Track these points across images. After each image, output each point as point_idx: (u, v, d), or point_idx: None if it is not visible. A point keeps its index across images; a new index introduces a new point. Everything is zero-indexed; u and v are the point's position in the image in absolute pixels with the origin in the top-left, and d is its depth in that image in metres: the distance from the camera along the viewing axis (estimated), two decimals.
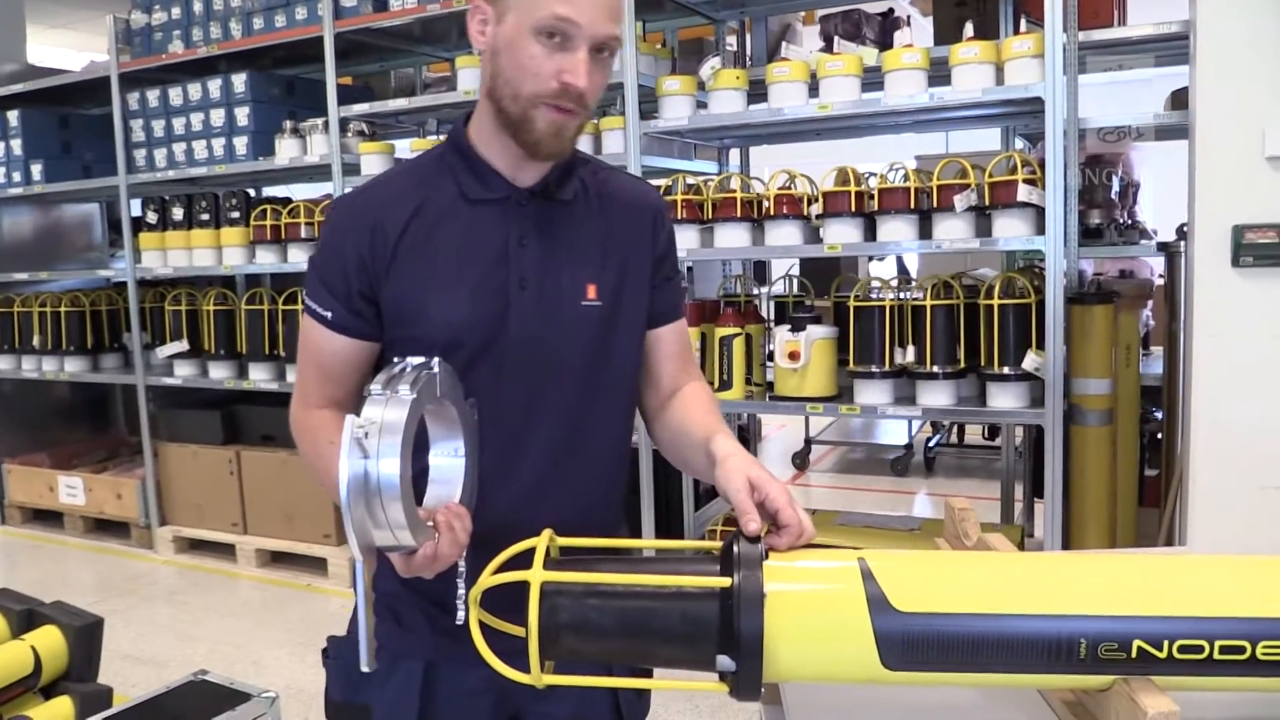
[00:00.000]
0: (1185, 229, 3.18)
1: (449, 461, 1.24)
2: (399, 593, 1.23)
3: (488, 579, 1.12)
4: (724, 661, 1.02)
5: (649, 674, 1.39)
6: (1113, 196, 3.62)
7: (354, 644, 1.22)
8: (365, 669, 1.12)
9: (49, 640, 2.82)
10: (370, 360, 1.42)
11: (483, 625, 1.13)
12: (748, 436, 4.90)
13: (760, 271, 6.46)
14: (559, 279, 1.38)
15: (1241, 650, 0.98)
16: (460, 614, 1.18)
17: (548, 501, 1.39)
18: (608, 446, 1.48)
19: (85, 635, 2.84)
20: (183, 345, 4.98)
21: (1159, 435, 3.65)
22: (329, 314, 1.37)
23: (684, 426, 1.42)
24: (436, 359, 1.18)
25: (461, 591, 1.19)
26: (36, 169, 5.39)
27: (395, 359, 1.19)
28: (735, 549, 1.05)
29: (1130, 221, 3.80)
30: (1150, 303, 3.91)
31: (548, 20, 1.25)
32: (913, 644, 1.00)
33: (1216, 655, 0.98)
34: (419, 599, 1.38)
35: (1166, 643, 0.98)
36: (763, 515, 1.14)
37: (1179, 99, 3.53)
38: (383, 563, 1.23)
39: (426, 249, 1.36)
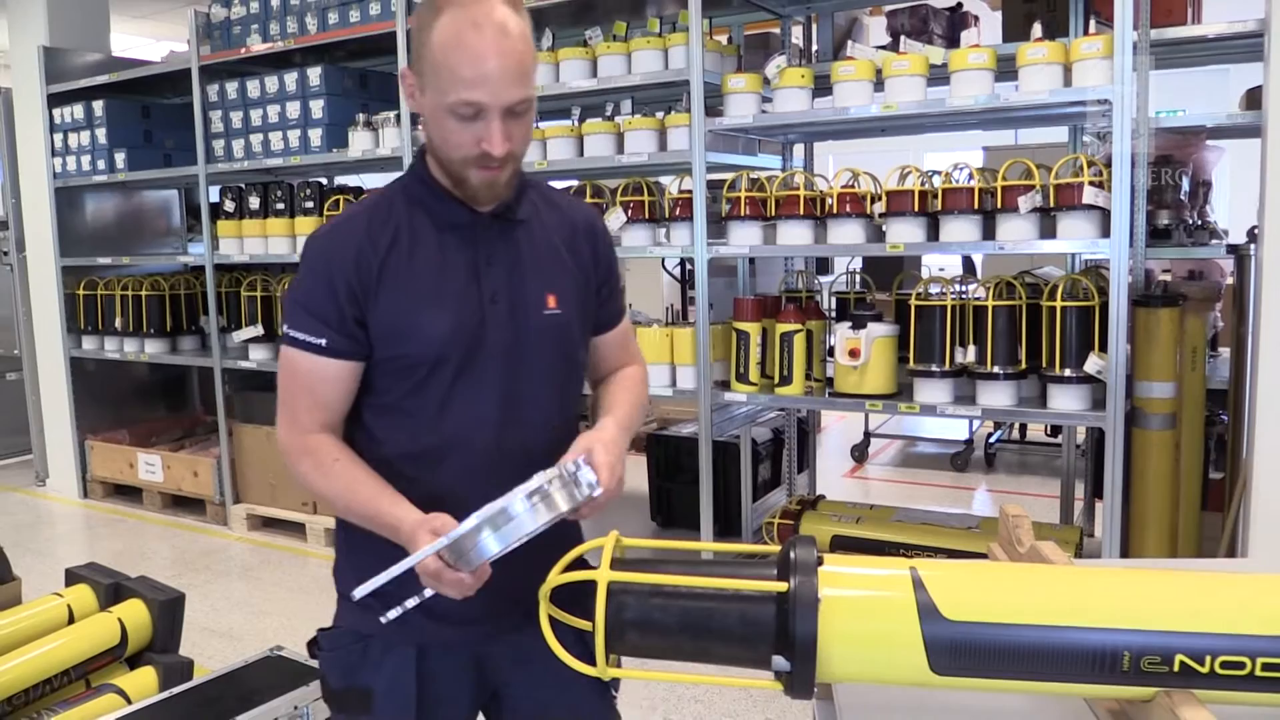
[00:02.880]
0: (1256, 231, 3.14)
1: (498, 540, 1.30)
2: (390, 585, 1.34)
3: (556, 577, 1.19)
4: (779, 662, 1.08)
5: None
6: (1182, 197, 3.58)
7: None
8: (356, 595, 1.32)
9: (134, 613, 2.96)
10: (357, 381, 1.53)
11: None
12: (807, 429, 4.92)
13: (823, 264, 6.46)
14: (524, 292, 1.53)
15: None
16: (394, 612, 1.32)
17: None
18: (565, 422, 1.62)
19: (168, 609, 2.98)
20: (258, 330, 5.14)
21: (1226, 438, 3.61)
22: (322, 341, 1.48)
23: (599, 401, 1.67)
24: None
25: (412, 601, 1.33)
26: (120, 157, 5.59)
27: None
28: (792, 555, 1.10)
29: (1200, 222, 3.75)
30: (1219, 305, 3.85)
31: (457, 104, 1.39)
32: (960, 651, 1.05)
33: (1258, 672, 1.01)
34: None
35: (1209, 658, 1.02)
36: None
37: (1254, 98, 3.47)
38: (374, 558, 1.39)
39: (408, 273, 1.49)
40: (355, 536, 1.52)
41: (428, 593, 1.33)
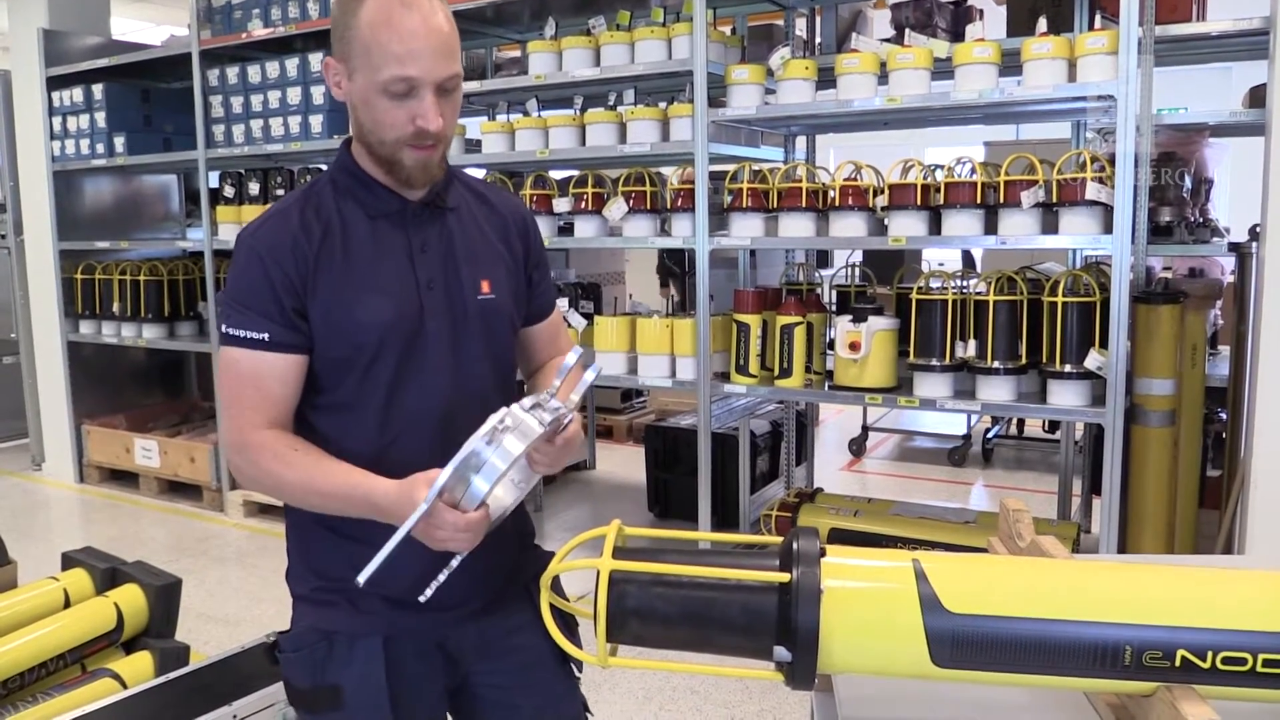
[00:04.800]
0: (1258, 229, 3.13)
1: (484, 477, 1.29)
2: (352, 579, 1.32)
3: (558, 565, 1.19)
4: (780, 652, 1.07)
5: None
6: (1184, 194, 3.58)
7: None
8: (361, 579, 1.28)
9: (131, 598, 2.96)
10: (303, 376, 1.50)
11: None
12: (805, 422, 4.92)
13: (823, 257, 6.45)
14: (459, 278, 1.54)
15: None
16: (432, 586, 1.34)
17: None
18: (499, 400, 1.61)
19: (165, 594, 2.98)
20: None
21: (1224, 436, 3.61)
22: (264, 335, 1.45)
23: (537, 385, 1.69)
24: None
25: (442, 578, 1.34)
26: (119, 141, 5.57)
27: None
28: (795, 546, 1.10)
29: (1202, 219, 3.75)
30: (1219, 302, 3.85)
31: (391, 81, 1.41)
32: (962, 644, 1.05)
33: (1259, 668, 1.01)
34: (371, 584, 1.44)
35: (1210, 653, 1.01)
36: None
37: (1257, 96, 3.47)
38: (337, 555, 1.48)
39: (343, 263, 1.49)
40: (306, 536, 1.53)
41: (454, 561, 1.34)
